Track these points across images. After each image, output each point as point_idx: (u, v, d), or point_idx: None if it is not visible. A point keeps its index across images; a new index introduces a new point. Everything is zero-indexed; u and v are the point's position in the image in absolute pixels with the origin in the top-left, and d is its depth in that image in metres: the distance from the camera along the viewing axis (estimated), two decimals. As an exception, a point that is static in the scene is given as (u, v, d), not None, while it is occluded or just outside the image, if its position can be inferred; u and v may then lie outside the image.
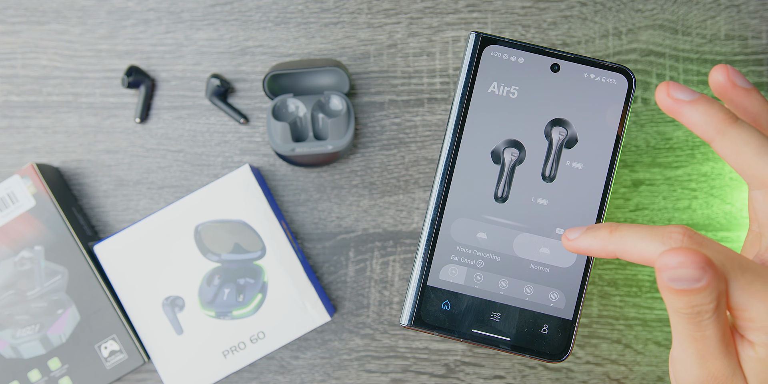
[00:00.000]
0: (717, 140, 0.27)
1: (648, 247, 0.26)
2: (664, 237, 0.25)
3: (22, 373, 0.41)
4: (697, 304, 0.23)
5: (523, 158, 0.32)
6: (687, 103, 0.27)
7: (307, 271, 0.42)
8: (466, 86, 0.32)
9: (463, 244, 0.32)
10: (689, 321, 0.24)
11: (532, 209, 0.32)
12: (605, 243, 0.27)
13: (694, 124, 0.27)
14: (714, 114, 0.27)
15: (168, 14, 0.46)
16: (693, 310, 0.24)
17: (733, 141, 0.26)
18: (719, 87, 0.29)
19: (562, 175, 0.32)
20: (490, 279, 0.32)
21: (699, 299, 0.23)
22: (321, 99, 0.44)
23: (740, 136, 0.26)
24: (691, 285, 0.23)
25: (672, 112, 0.28)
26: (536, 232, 0.32)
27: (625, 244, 0.26)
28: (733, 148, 0.26)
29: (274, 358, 0.45)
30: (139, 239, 0.42)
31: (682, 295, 0.23)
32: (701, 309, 0.24)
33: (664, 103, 0.28)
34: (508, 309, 0.32)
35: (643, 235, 0.26)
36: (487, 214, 0.32)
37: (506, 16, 0.46)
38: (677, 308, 0.24)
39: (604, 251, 0.27)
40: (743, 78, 0.29)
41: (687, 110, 0.27)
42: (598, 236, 0.28)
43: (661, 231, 0.26)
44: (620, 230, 0.27)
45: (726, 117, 0.27)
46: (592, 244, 0.28)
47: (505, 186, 0.32)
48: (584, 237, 0.28)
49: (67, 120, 0.46)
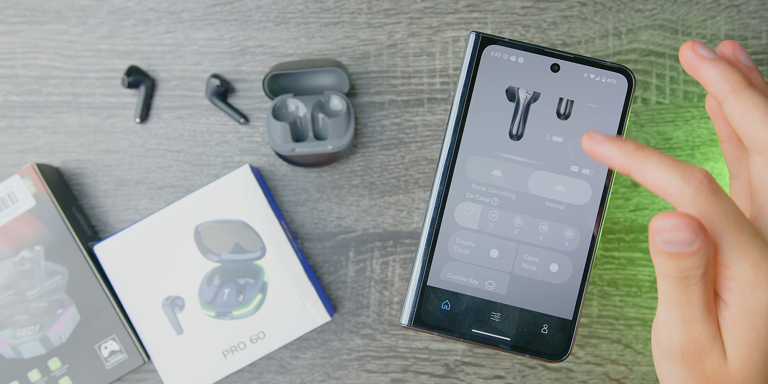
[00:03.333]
0: (729, 100, 0.28)
1: (666, 176, 0.26)
2: (686, 172, 0.25)
3: (22, 373, 0.41)
4: (686, 268, 0.24)
5: (537, 96, 0.32)
6: (709, 60, 0.28)
7: (307, 271, 0.42)
8: (466, 86, 0.32)
9: (479, 181, 0.32)
10: (677, 284, 0.25)
11: (547, 147, 0.32)
12: (625, 157, 0.27)
13: (711, 80, 0.28)
14: (731, 74, 0.28)
15: (168, 14, 0.46)
16: (682, 274, 0.24)
17: (744, 102, 0.27)
18: (688, 64, 0.30)
19: (576, 113, 0.32)
20: (505, 217, 0.32)
21: (689, 263, 0.24)
22: (321, 99, 0.44)
23: (752, 99, 0.27)
24: (683, 248, 0.23)
25: (692, 68, 0.29)
26: (551, 169, 0.32)
27: (645, 165, 0.26)
28: (743, 110, 0.27)
29: (274, 358, 0.45)
30: (139, 239, 0.42)
31: (673, 258, 0.24)
32: (690, 273, 0.24)
33: (687, 57, 0.29)
34: (508, 309, 0.32)
35: (666, 163, 0.26)
36: (502, 152, 0.32)
37: (506, 16, 0.46)
38: (667, 271, 0.25)
39: (621, 164, 0.27)
40: (748, 56, 0.30)
41: (707, 66, 0.28)
42: (622, 147, 0.27)
43: (684, 166, 0.26)
44: (646, 151, 0.27)
45: (742, 79, 0.28)
46: (613, 153, 0.27)
47: (520, 123, 0.32)
48: (608, 143, 0.28)
49: (67, 120, 0.46)
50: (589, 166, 0.32)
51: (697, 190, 0.25)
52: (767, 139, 0.27)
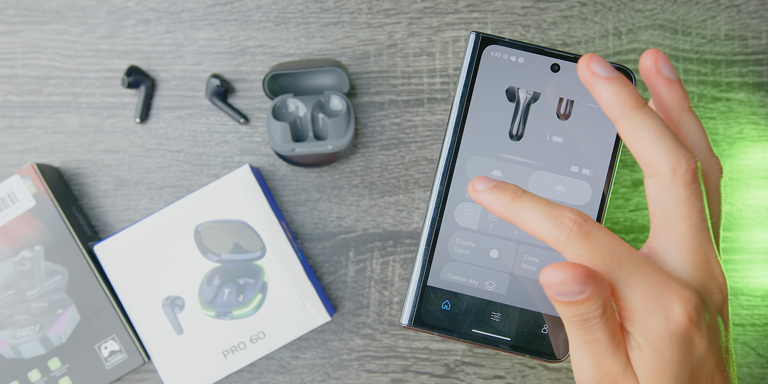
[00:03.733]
0: (620, 121, 0.27)
1: (540, 226, 0.26)
2: (556, 220, 0.26)
3: (22, 373, 0.41)
4: (583, 312, 0.25)
5: (537, 96, 0.32)
6: (603, 78, 0.28)
7: (307, 271, 0.42)
8: (466, 86, 0.32)
9: None
10: (579, 327, 0.25)
11: (547, 147, 0.32)
12: (504, 208, 0.28)
13: (603, 100, 0.28)
14: (623, 95, 0.27)
15: (168, 14, 0.46)
16: (581, 317, 0.25)
17: (635, 125, 0.27)
18: (645, 71, 0.29)
19: (576, 113, 0.32)
20: None
21: (585, 308, 0.24)
22: (321, 99, 0.44)
23: (642, 122, 0.27)
24: (576, 297, 0.24)
25: (587, 84, 0.28)
26: (551, 169, 0.32)
27: (521, 215, 0.27)
28: (633, 133, 0.27)
29: (274, 358, 0.45)
30: (139, 239, 0.42)
31: (569, 305, 0.25)
32: (588, 316, 0.25)
33: (581, 73, 0.28)
34: (508, 309, 0.32)
35: (539, 212, 0.27)
36: (502, 152, 0.32)
37: (506, 16, 0.46)
38: (566, 316, 0.25)
39: (502, 215, 0.28)
40: (670, 67, 0.29)
41: (600, 85, 0.28)
42: (500, 199, 0.28)
43: (555, 213, 0.26)
44: (521, 200, 0.27)
45: (634, 101, 0.27)
46: (493, 204, 0.28)
47: (520, 124, 0.32)
48: (488, 194, 0.28)
49: (67, 120, 0.46)
50: (589, 166, 0.32)
51: (569, 236, 0.26)
52: (657, 163, 0.26)
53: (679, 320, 0.25)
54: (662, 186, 0.27)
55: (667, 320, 0.25)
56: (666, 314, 0.25)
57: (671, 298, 0.25)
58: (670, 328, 0.25)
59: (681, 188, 0.26)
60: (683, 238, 0.26)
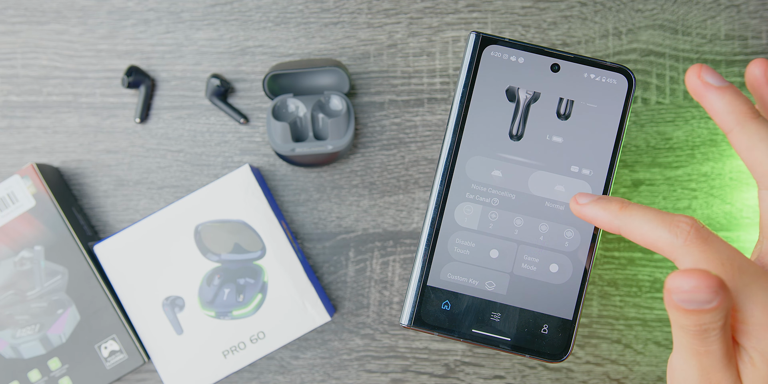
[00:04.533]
0: (735, 132, 0.27)
1: (653, 232, 0.26)
2: (672, 225, 0.25)
3: (22, 373, 0.41)
4: (705, 322, 0.23)
5: (537, 96, 0.32)
6: (715, 88, 0.27)
7: (307, 271, 0.42)
8: (466, 86, 0.32)
9: (478, 181, 0.32)
10: (695, 337, 0.24)
11: (547, 147, 0.32)
12: (612, 218, 0.27)
13: (717, 111, 0.27)
14: (738, 105, 0.27)
15: (168, 14, 0.46)
16: (701, 328, 0.23)
17: (751, 135, 0.26)
18: (754, 80, 0.28)
19: (576, 113, 0.32)
20: (505, 217, 0.32)
21: (708, 318, 0.23)
22: (321, 99, 0.44)
23: (758, 132, 0.26)
24: (702, 306, 0.22)
25: (697, 95, 0.27)
26: (551, 169, 0.32)
27: (632, 223, 0.26)
28: (749, 143, 0.26)
29: (274, 358, 0.45)
30: (139, 239, 0.42)
31: (691, 314, 0.23)
32: (709, 327, 0.23)
33: (692, 84, 0.27)
34: (508, 309, 0.32)
35: (651, 219, 0.26)
36: (502, 152, 0.32)
37: (506, 16, 0.46)
38: (684, 325, 0.24)
39: (609, 225, 0.27)
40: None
41: (713, 96, 0.27)
42: (607, 209, 0.27)
43: (669, 218, 0.25)
44: (630, 209, 0.27)
45: (749, 110, 0.27)
46: (599, 215, 0.28)
47: (520, 124, 0.32)
48: (593, 206, 0.28)
49: (67, 120, 0.46)
50: (589, 166, 0.32)
51: (686, 241, 0.25)
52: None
53: None
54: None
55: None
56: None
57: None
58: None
59: None
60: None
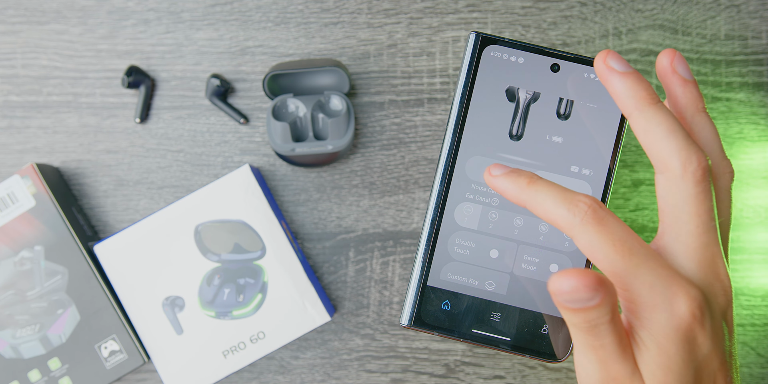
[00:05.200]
0: (634, 116, 0.28)
1: (554, 209, 0.26)
2: (571, 204, 0.26)
3: (22, 373, 0.41)
4: (592, 318, 0.24)
5: (537, 96, 0.32)
6: (618, 73, 0.28)
7: (307, 271, 0.42)
8: (466, 86, 0.32)
9: (479, 181, 0.32)
10: (587, 333, 0.25)
11: (547, 147, 0.32)
12: (519, 192, 0.28)
13: (618, 95, 0.28)
14: (638, 91, 0.28)
15: (168, 14, 0.46)
16: (589, 324, 0.25)
17: (648, 120, 0.27)
18: (661, 69, 0.30)
19: (576, 113, 0.32)
20: (505, 217, 0.32)
21: (594, 314, 0.24)
22: (321, 99, 0.44)
23: (654, 117, 0.27)
24: (585, 304, 0.24)
25: (601, 79, 0.29)
26: (551, 169, 0.32)
27: (536, 198, 0.27)
28: (646, 127, 0.27)
29: (274, 358, 0.45)
30: (139, 239, 0.42)
31: (578, 312, 0.24)
32: (597, 322, 0.24)
33: (598, 68, 0.29)
34: (508, 309, 0.32)
35: (554, 196, 0.27)
36: (502, 152, 0.32)
37: (506, 16, 0.46)
38: (574, 323, 0.25)
39: (516, 199, 0.28)
40: (686, 67, 0.29)
41: (615, 80, 0.28)
42: (515, 182, 0.28)
43: (570, 196, 0.26)
44: (537, 184, 0.28)
45: (647, 96, 0.27)
46: (508, 189, 0.28)
47: (520, 124, 0.32)
48: (504, 178, 0.29)
49: (67, 120, 0.46)
50: (589, 166, 0.32)
51: (582, 220, 0.26)
52: (669, 159, 0.26)
53: (684, 316, 0.25)
54: (672, 182, 0.27)
55: (671, 315, 0.25)
56: (671, 309, 0.25)
57: (677, 293, 0.25)
58: (674, 324, 0.25)
59: (691, 185, 0.26)
60: (691, 236, 0.26)
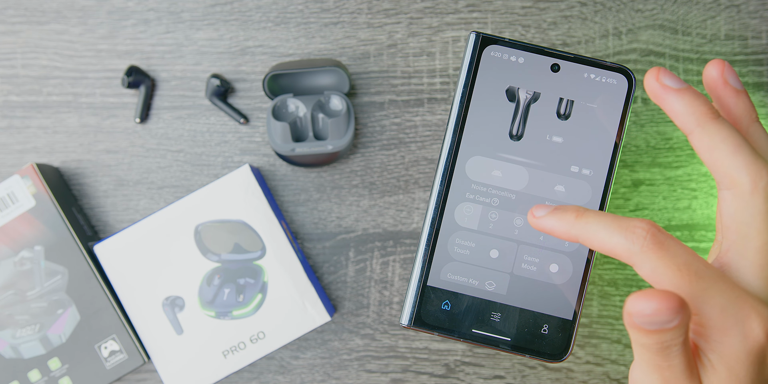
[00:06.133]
0: (696, 133, 0.27)
1: (610, 240, 0.26)
2: (627, 231, 0.25)
3: (22, 373, 0.41)
4: (666, 340, 0.23)
5: (537, 96, 0.32)
6: (674, 90, 0.27)
7: (307, 271, 0.42)
8: (466, 86, 0.32)
9: (478, 181, 0.32)
10: (657, 353, 0.24)
11: (547, 147, 0.32)
12: (569, 227, 0.27)
13: (677, 113, 0.27)
14: (698, 106, 0.27)
15: (168, 14, 0.46)
16: (662, 345, 0.24)
17: (711, 137, 0.26)
18: (711, 82, 0.29)
19: (576, 113, 0.32)
20: (505, 217, 0.32)
21: (669, 336, 0.23)
22: (321, 99, 0.44)
23: (719, 133, 0.26)
24: (663, 326, 0.23)
25: (657, 98, 0.28)
26: (551, 169, 0.32)
27: (588, 231, 0.26)
28: (710, 144, 0.26)
29: (274, 358, 0.45)
30: (139, 239, 0.42)
31: (653, 334, 0.23)
32: (670, 343, 0.24)
33: (651, 87, 0.28)
34: (508, 309, 0.32)
35: (607, 225, 0.26)
36: (502, 152, 0.32)
37: (506, 16, 0.46)
38: (645, 344, 0.24)
39: (567, 235, 0.27)
40: (736, 78, 0.29)
41: (672, 98, 0.27)
42: (563, 219, 0.27)
43: (625, 224, 0.25)
44: (586, 216, 0.27)
45: (709, 111, 0.27)
46: (556, 226, 0.28)
47: (520, 124, 0.32)
48: (550, 217, 0.28)
49: (67, 120, 0.46)
50: (589, 166, 0.32)
51: (642, 247, 0.25)
52: (736, 175, 0.26)
53: (758, 338, 0.24)
54: (740, 198, 0.26)
55: (744, 338, 0.24)
56: (744, 332, 0.24)
57: (750, 314, 0.24)
58: (747, 347, 0.24)
59: (761, 201, 0.25)
60: (759, 252, 0.26)
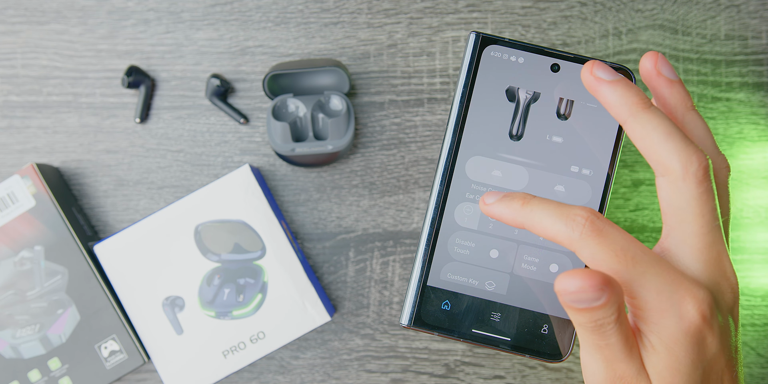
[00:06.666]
0: (629, 122, 0.27)
1: (552, 226, 0.26)
2: (568, 218, 0.26)
3: (22, 373, 0.41)
4: (598, 318, 0.24)
5: (537, 96, 0.32)
6: (606, 82, 0.28)
7: (307, 271, 0.42)
8: (466, 86, 0.32)
9: (479, 181, 0.32)
10: (593, 332, 0.25)
11: (547, 147, 0.32)
12: (515, 214, 0.28)
13: (610, 104, 0.28)
14: (630, 97, 0.28)
15: (168, 14, 0.46)
16: (596, 323, 0.25)
17: (643, 125, 0.27)
18: (645, 73, 0.30)
19: (576, 113, 0.32)
20: None
21: (600, 314, 0.24)
22: (321, 99, 0.44)
23: (650, 121, 0.27)
24: (591, 304, 0.24)
25: (591, 89, 0.28)
26: (551, 169, 0.32)
27: (532, 218, 0.27)
28: (642, 132, 0.27)
29: (274, 358, 0.45)
30: (139, 239, 0.42)
31: (584, 312, 0.24)
32: (603, 321, 0.25)
33: (586, 79, 0.28)
34: (508, 309, 0.32)
35: (551, 213, 0.27)
36: (502, 152, 0.32)
37: (506, 16, 0.46)
38: (580, 322, 0.25)
39: (514, 222, 0.28)
40: (670, 68, 0.29)
41: (605, 89, 0.28)
42: (510, 206, 0.28)
43: (567, 211, 0.26)
44: (531, 204, 0.27)
45: (640, 101, 0.27)
46: (504, 213, 0.28)
47: (520, 124, 0.32)
48: (498, 204, 0.29)
49: (67, 120, 0.46)
50: (589, 166, 0.32)
51: (582, 234, 0.26)
52: (668, 162, 0.26)
53: (693, 319, 0.25)
54: (674, 184, 0.27)
55: (680, 319, 0.25)
56: (680, 313, 0.25)
57: (685, 296, 0.25)
58: (683, 327, 0.25)
59: (693, 186, 0.26)
60: (696, 236, 0.26)
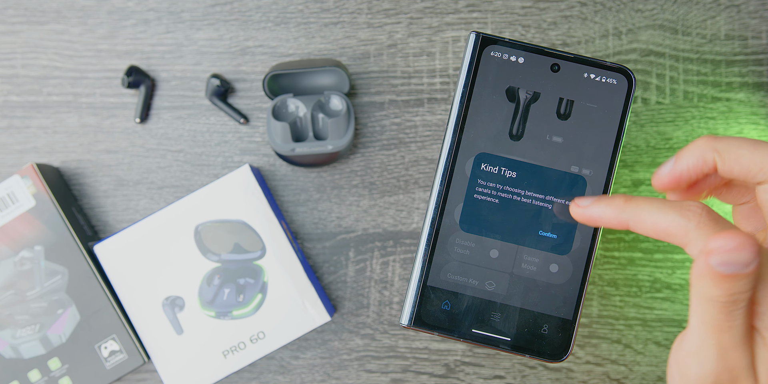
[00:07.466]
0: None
1: (665, 218, 0.25)
2: (683, 209, 0.25)
3: (22, 373, 0.41)
4: (737, 291, 0.23)
5: (537, 96, 0.32)
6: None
7: (307, 271, 0.42)
8: (466, 86, 0.32)
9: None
10: (722, 309, 0.23)
11: (547, 147, 0.32)
12: (619, 212, 0.27)
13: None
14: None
15: (168, 14, 0.46)
16: (731, 298, 0.23)
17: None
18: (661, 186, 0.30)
19: (576, 113, 0.32)
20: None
21: (741, 286, 0.23)
22: (321, 99, 0.44)
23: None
24: (740, 270, 0.22)
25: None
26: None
27: (640, 213, 0.26)
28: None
29: (274, 358, 0.45)
30: (139, 239, 0.42)
31: (725, 280, 0.23)
32: (738, 297, 0.23)
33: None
34: (508, 309, 0.32)
35: (660, 206, 0.26)
36: (503, 152, 0.32)
37: (506, 16, 0.46)
38: (713, 296, 0.23)
39: (617, 220, 0.27)
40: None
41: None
42: (612, 204, 0.28)
43: (679, 204, 0.26)
44: (636, 200, 0.27)
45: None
46: (605, 213, 0.28)
47: (520, 124, 0.32)
48: (596, 205, 0.28)
49: (67, 120, 0.46)
50: (589, 166, 0.32)
51: (699, 223, 0.25)
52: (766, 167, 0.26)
53: None
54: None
55: None
56: None
57: None
58: None
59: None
60: None
